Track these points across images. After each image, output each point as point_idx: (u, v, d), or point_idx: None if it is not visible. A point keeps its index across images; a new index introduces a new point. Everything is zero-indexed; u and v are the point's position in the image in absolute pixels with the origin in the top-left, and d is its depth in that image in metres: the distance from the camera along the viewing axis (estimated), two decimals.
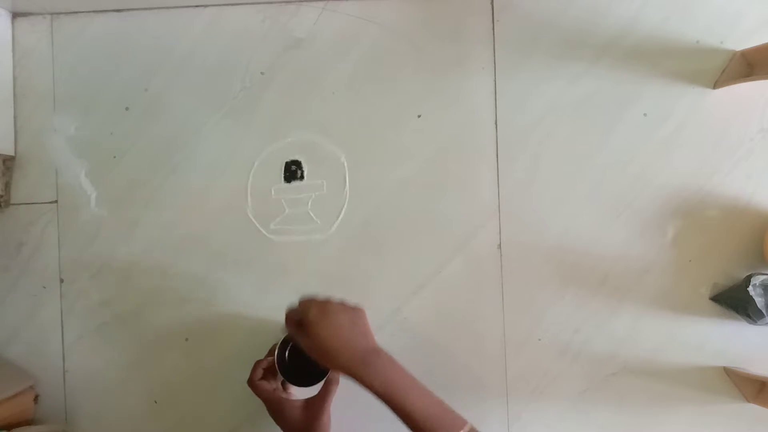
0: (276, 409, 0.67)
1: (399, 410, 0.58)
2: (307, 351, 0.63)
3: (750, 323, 0.73)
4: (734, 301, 0.73)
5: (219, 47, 0.78)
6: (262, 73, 0.78)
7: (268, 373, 0.70)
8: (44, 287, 0.78)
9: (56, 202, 0.78)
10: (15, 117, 0.79)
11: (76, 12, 0.79)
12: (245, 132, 0.78)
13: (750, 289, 0.70)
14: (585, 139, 0.76)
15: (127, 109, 0.79)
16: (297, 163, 0.78)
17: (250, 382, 0.69)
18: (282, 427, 0.68)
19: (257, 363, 0.70)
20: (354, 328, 0.62)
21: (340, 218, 0.77)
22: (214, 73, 0.78)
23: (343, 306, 0.64)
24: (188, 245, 0.78)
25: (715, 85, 0.75)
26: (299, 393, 0.72)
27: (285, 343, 0.70)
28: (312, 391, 0.70)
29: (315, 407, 0.68)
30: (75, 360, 0.78)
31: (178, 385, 0.77)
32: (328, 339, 0.61)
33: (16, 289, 0.78)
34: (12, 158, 0.78)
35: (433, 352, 0.76)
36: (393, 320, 0.76)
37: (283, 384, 0.72)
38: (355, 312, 0.64)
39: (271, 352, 0.72)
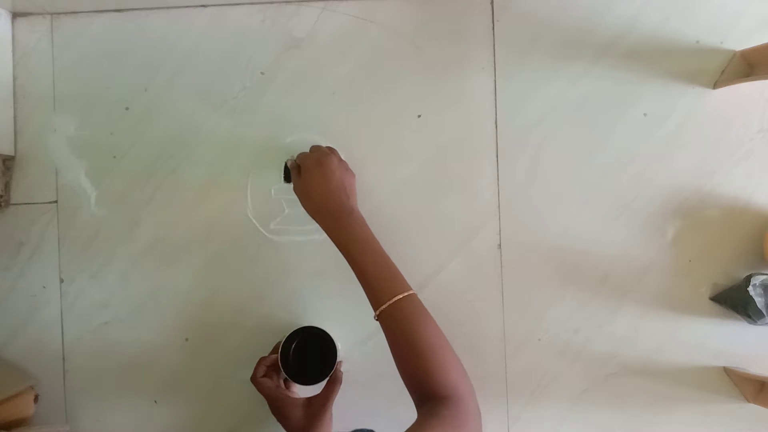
0: (278, 406, 0.68)
1: (353, 265, 0.64)
2: (294, 189, 0.70)
3: (750, 323, 0.73)
4: (734, 301, 0.73)
5: (219, 47, 0.78)
6: (262, 73, 0.78)
7: (271, 370, 0.70)
8: (44, 287, 0.78)
9: (56, 202, 0.78)
10: (15, 117, 0.79)
11: (76, 12, 0.79)
12: (245, 132, 0.78)
13: (750, 289, 0.70)
14: (585, 139, 0.76)
15: (127, 109, 0.79)
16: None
17: (253, 379, 0.69)
18: (284, 425, 0.68)
19: (261, 360, 0.70)
20: (340, 186, 0.68)
21: None
22: (214, 73, 0.78)
23: (339, 165, 0.69)
24: (188, 245, 0.78)
25: (715, 85, 0.75)
26: (302, 391, 0.72)
27: (289, 340, 0.70)
28: (315, 389, 0.70)
29: (317, 406, 0.68)
30: (75, 360, 0.78)
31: (178, 385, 0.77)
32: (313, 186, 0.68)
33: (16, 289, 0.78)
34: (12, 158, 0.78)
35: None
36: None
37: (285, 382, 0.72)
38: (346, 173, 0.70)
39: (274, 350, 0.72)
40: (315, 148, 0.72)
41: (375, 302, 0.62)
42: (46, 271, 0.78)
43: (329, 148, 0.73)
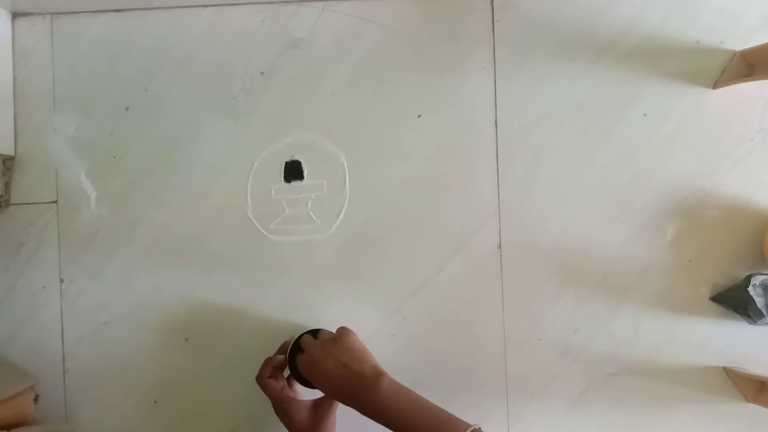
0: (283, 408, 0.67)
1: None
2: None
3: (750, 323, 0.73)
4: (734, 301, 0.73)
5: (219, 47, 0.78)
6: (262, 73, 0.78)
7: (276, 371, 0.70)
8: (44, 287, 0.78)
9: (56, 202, 0.78)
10: (15, 117, 0.79)
11: (76, 12, 0.79)
12: (245, 132, 0.78)
13: (750, 289, 0.70)
14: (585, 139, 0.76)
15: (127, 109, 0.79)
16: (297, 163, 0.78)
17: (260, 380, 0.68)
18: (288, 427, 0.68)
19: (267, 360, 0.70)
20: (342, 358, 0.62)
21: (340, 218, 0.77)
22: (214, 73, 0.78)
23: (323, 349, 0.63)
24: (188, 245, 0.78)
25: (715, 85, 0.75)
26: (307, 393, 0.72)
27: (298, 343, 0.70)
28: (320, 392, 0.69)
29: (322, 409, 0.68)
30: (75, 360, 0.78)
31: (178, 385, 0.77)
32: (322, 385, 0.64)
33: (16, 289, 0.78)
34: (12, 158, 0.78)
35: (433, 352, 0.76)
36: (393, 320, 0.76)
37: (289, 381, 0.72)
38: (336, 346, 0.63)
39: (280, 350, 0.72)
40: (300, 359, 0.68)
41: None
42: (46, 271, 0.78)
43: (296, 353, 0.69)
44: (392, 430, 0.58)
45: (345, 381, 0.61)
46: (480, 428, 0.56)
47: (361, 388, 0.60)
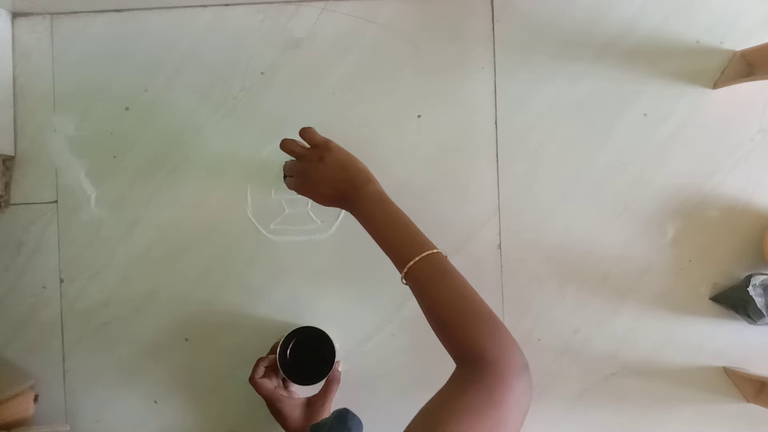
0: (277, 407, 0.68)
1: (375, 239, 0.61)
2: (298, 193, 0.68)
3: (750, 323, 0.73)
4: (734, 301, 0.73)
5: (219, 47, 0.78)
6: (262, 73, 0.78)
7: (270, 370, 0.71)
8: (44, 287, 0.78)
9: (56, 202, 0.78)
10: (15, 117, 0.79)
11: (76, 12, 0.79)
12: (245, 132, 0.78)
13: (750, 289, 0.70)
14: (585, 139, 0.76)
15: (127, 109, 0.79)
16: None
17: (252, 380, 0.69)
18: (282, 425, 0.68)
19: (259, 361, 0.70)
20: (331, 178, 0.64)
21: (340, 218, 0.77)
22: (214, 73, 0.78)
23: (312, 166, 0.65)
24: (188, 245, 0.78)
25: (715, 85, 0.75)
26: (300, 391, 0.72)
27: (287, 341, 0.70)
28: (313, 389, 0.70)
29: (316, 405, 0.68)
30: (75, 360, 0.78)
31: (178, 385, 0.77)
32: (314, 195, 0.66)
33: (16, 289, 0.78)
34: (12, 158, 0.78)
35: (433, 352, 0.76)
36: (392, 320, 0.76)
37: (284, 381, 0.72)
38: (323, 163, 0.64)
39: (272, 350, 0.72)
40: (289, 170, 0.69)
41: (398, 268, 0.58)
42: (46, 271, 0.78)
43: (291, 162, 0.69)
44: (372, 238, 0.61)
45: (337, 192, 0.64)
46: (443, 253, 0.58)
47: (351, 193, 0.63)
